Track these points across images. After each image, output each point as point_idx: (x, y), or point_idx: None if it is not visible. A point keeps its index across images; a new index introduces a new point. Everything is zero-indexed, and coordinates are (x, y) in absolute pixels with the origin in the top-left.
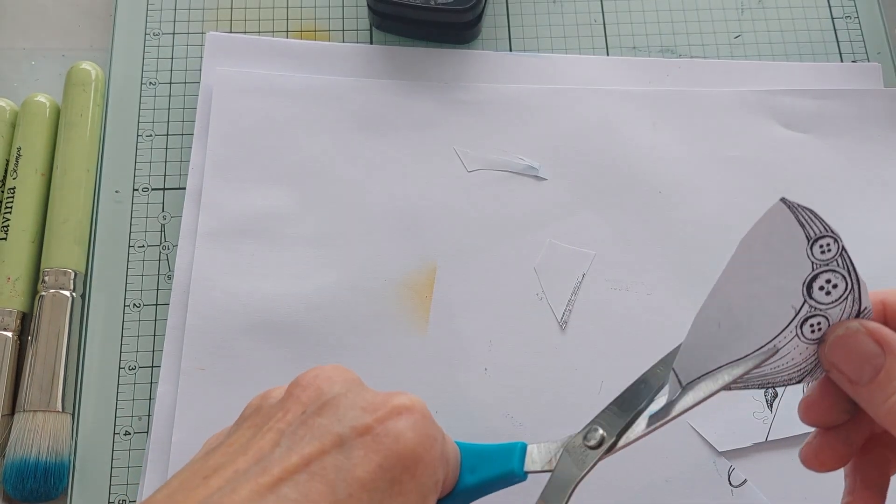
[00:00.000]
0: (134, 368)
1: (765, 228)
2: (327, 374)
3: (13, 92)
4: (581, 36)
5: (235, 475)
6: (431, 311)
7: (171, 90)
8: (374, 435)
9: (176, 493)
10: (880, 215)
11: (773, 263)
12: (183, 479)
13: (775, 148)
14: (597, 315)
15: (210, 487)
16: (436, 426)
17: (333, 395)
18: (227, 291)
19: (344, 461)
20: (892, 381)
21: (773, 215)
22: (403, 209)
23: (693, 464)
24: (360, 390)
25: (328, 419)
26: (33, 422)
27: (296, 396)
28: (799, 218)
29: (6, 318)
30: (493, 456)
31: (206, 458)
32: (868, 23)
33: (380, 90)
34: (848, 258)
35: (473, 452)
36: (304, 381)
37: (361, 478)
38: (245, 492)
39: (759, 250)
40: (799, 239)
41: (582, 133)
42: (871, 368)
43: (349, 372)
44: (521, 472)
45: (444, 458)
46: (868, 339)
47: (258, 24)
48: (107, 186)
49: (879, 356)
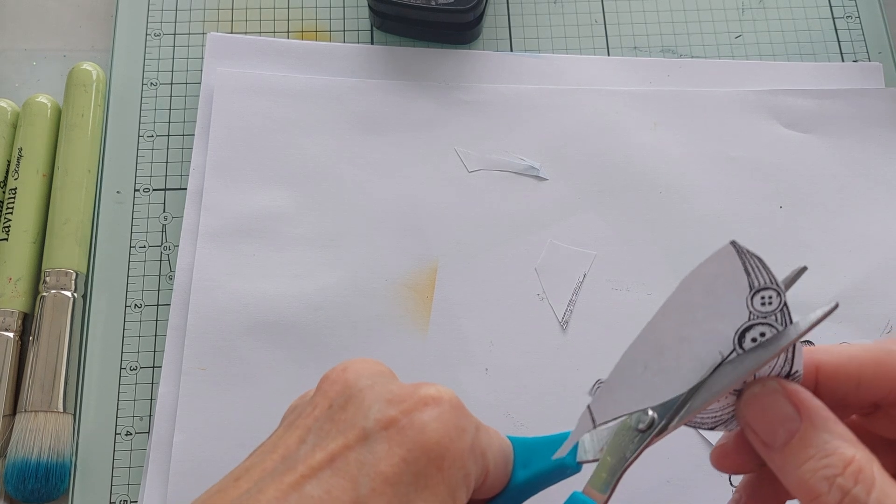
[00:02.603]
0: (135, 369)
1: (709, 271)
2: (356, 367)
3: (14, 92)
4: (582, 36)
5: (262, 475)
6: (432, 311)
7: (172, 91)
8: (398, 428)
9: (214, 496)
10: (880, 215)
11: (711, 308)
12: (222, 481)
13: (776, 148)
14: (598, 315)
15: (239, 489)
16: (468, 417)
17: (359, 389)
18: (228, 292)
19: (367, 455)
20: (805, 449)
21: (721, 258)
22: (404, 209)
23: (694, 464)
24: (387, 382)
25: (353, 413)
26: (34, 422)
27: (324, 391)
28: (746, 265)
29: (7, 318)
30: (546, 449)
31: (246, 460)
32: (869, 22)
33: (381, 91)
34: (788, 315)
35: (526, 447)
36: (333, 375)
37: (385, 472)
38: (271, 491)
39: (699, 293)
40: (741, 286)
41: (583, 133)
42: (784, 432)
43: (379, 364)
44: (573, 463)
45: (476, 450)
46: (784, 401)
47: (259, 24)
48: (108, 187)
49: (795, 420)
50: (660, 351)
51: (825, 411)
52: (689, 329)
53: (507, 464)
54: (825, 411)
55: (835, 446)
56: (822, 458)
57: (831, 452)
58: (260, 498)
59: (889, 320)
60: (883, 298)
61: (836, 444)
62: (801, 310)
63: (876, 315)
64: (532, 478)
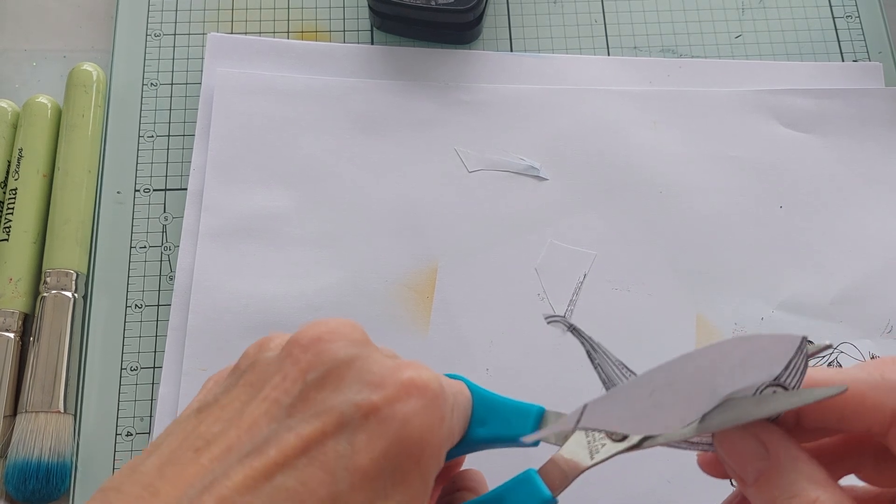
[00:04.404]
0: (136, 369)
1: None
2: (330, 332)
3: (15, 93)
4: (582, 36)
5: (227, 454)
6: (433, 311)
7: (172, 91)
8: (379, 418)
9: (167, 466)
10: (880, 215)
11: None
12: (174, 445)
13: (776, 148)
14: (598, 315)
15: (201, 466)
16: (445, 403)
17: (336, 364)
18: (228, 292)
19: (346, 447)
20: (771, 489)
21: (782, 341)
22: (405, 210)
23: (695, 464)
24: (366, 358)
25: (329, 393)
26: (35, 423)
27: (294, 357)
28: (792, 362)
29: (8, 319)
30: (508, 414)
31: (199, 418)
32: (869, 22)
33: (381, 91)
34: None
35: (488, 404)
36: (304, 339)
37: (363, 466)
38: (239, 477)
39: (740, 353)
40: (771, 372)
41: (583, 133)
42: (753, 470)
43: (354, 329)
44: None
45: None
46: (752, 440)
47: (259, 24)
48: (108, 187)
49: (763, 459)
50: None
51: (794, 451)
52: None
53: (466, 421)
54: (794, 451)
55: (800, 488)
56: (788, 499)
57: (796, 494)
58: (227, 484)
59: (889, 320)
60: (883, 298)
61: (801, 485)
62: (801, 310)
63: (876, 315)
64: (487, 438)
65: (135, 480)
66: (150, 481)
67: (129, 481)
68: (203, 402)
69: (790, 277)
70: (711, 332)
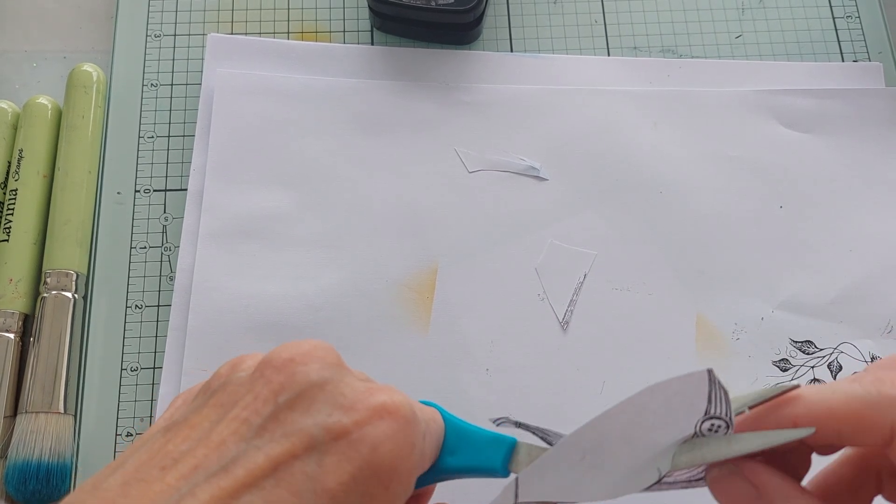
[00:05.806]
0: (136, 370)
1: (676, 385)
2: (303, 355)
3: (15, 94)
4: (581, 36)
5: (194, 472)
6: (433, 311)
7: (172, 91)
8: (349, 441)
9: (131, 484)
10: (880, 215)
11: (663, 417)
12: (140, 462)
13: (776, 148)
14: (598, 315)
15: (167, 484)
16: (416, 429)
17: (308, 386)
18: (228, 292)
19: (315, 468)
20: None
21: (692, 379)
22: (405, 210)
23: None
24: (339, 381)
25: (300, 415)
26: (35, 423)
27: (266, 378)
28: (712, 393)
29: (8, 319)
30: (480, 444)
31: (167, 437)
32: (869, 22)
33: (381, 91)
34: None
35: (460, 434)
36: (277, 361)
37: (332, 489)
38: (205, 496)
39: (658, 400)
40: (698, 409)
41: (583, 133)
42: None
43: (328, 352)
44: (503, 470)
45: (422, 460)
46: (744, 483)
47: (259, 25)
48: (108, 188)
49: (755, 499)
50: (601, 445)
51: (785, 487)
52: (635, 431)
53: (438, 449)
54: (785, 487)
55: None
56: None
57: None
58: (192, 502)
59: (889, 320)
60: (883, 298)
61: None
62: (801, 309)
63: (876, 315)
64: (457, 468)
65: (97, 497)
66: (113, 498)
67: (90, 499)
68: (171, 420)
69: (790, 277)
70: (711, 332)
